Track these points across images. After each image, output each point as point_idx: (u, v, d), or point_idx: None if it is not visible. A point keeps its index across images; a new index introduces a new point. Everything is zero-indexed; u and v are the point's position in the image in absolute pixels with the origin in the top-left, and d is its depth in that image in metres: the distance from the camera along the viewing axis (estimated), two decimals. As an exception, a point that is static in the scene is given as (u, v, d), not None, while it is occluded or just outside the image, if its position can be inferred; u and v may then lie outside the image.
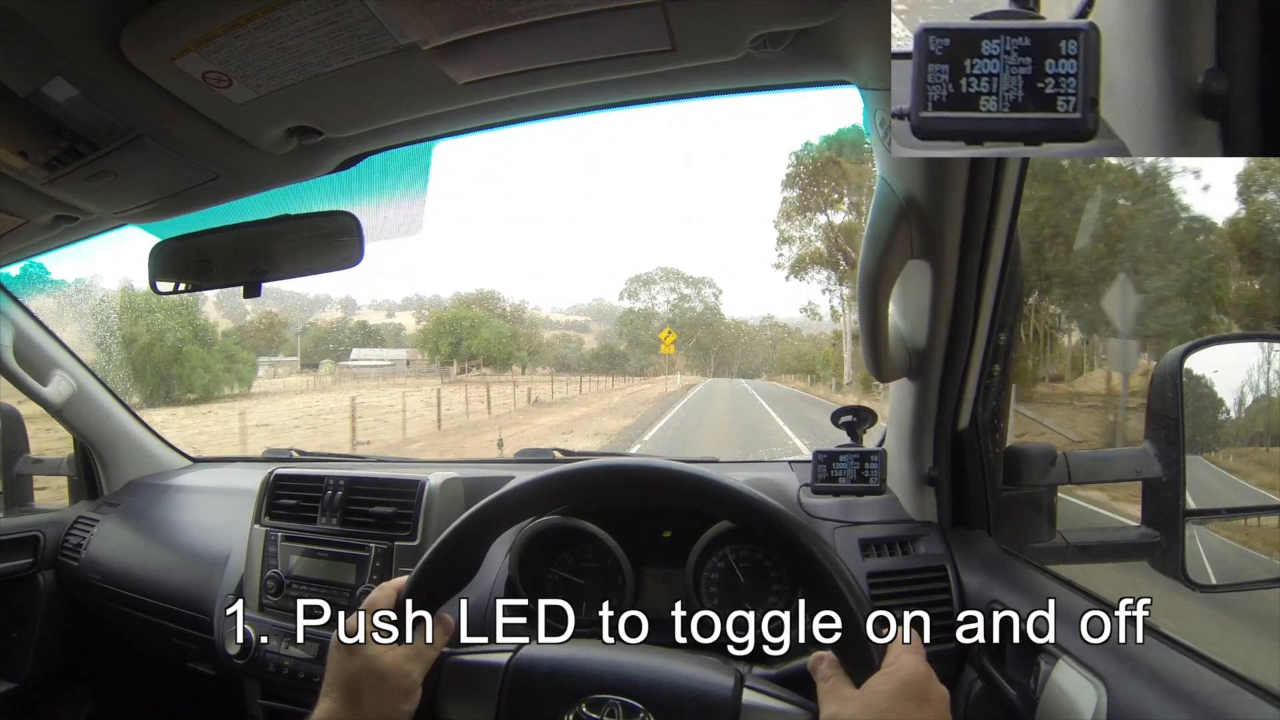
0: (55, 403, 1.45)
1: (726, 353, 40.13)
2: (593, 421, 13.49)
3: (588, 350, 38.04)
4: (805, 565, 0.52)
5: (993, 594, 0.80)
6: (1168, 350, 0.80)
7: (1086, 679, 0.59)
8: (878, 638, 0.50)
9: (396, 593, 0.58)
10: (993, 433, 0.88)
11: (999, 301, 0.79)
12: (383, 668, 0.54)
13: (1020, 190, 0.70)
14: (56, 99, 0.68)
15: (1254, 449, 0.92)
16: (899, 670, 0.48)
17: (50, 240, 1.13)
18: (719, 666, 0.54)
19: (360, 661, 0.54)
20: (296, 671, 1.01)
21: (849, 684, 0.49)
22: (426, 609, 0.57)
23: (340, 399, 15.64)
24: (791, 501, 1.05)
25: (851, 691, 0.49)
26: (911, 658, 0.50)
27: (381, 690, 0.54)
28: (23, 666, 1.42)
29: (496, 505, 0.58)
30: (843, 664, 0.50)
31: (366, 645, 0.55)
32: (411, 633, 0.56)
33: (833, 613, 0.51)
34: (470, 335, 31.18)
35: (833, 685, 0.50)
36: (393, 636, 0.56)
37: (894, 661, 0.49)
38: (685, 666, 0.54)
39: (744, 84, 0.76)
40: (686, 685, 0.52)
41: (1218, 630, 1.87)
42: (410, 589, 0.57)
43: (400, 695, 0.54)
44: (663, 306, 39.09)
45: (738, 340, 40.77)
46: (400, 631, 0.56)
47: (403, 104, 0.75)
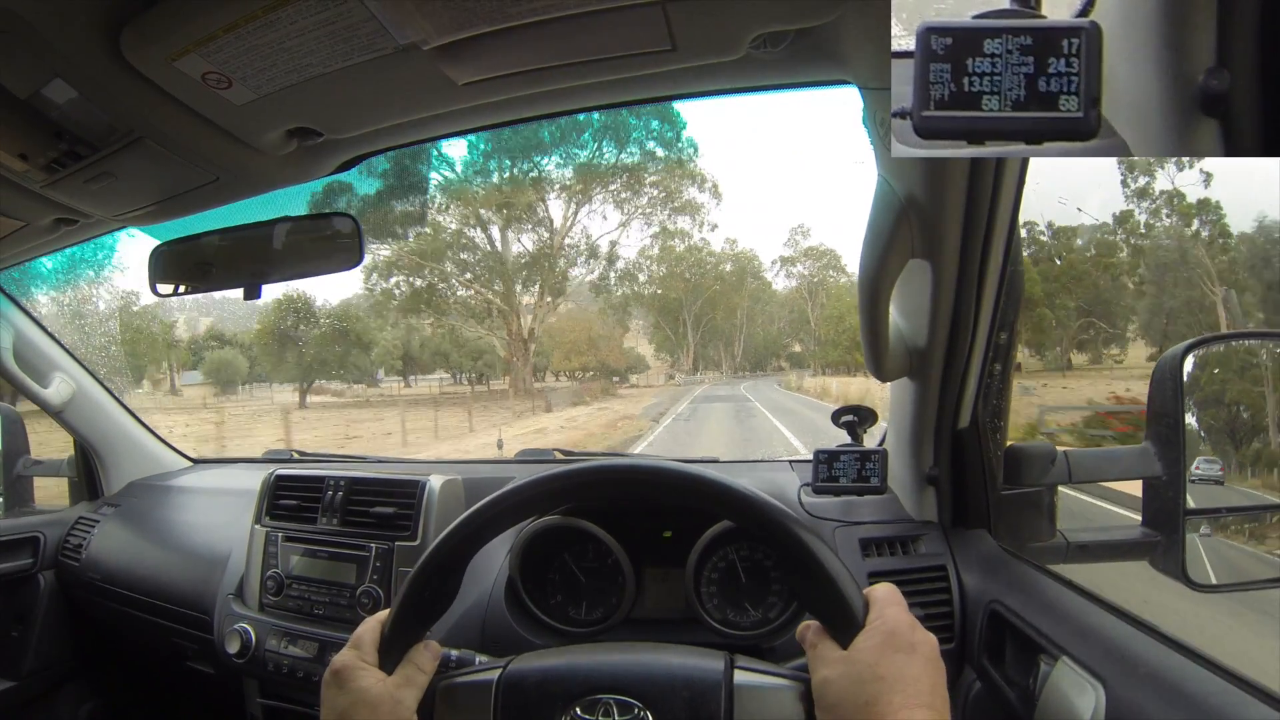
0: (55, 404, 1.46)
1: (722, 324, 28.15)
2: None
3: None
4: (802, 563, 0.51)
5: (993, 593, 0.80)
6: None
7: (1085, 679, 0.59)
8: (858, 596, 0.51)
9: (380, 625, 0.58)
10: (993, 432, 0.88)
11: (999, 301, 0.79)
12: (374, 698, 0.54)
13: (1020, 190, 0.70)
14: (56, 101, 0.68)
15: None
16: (882, 624, 0.49)
17: (50, 243, 1.13)
18: (707, 653, 0.54)
19: (352, 695, 0.54)
20: (296, 671, 1.01)
21: (836, 647, 0.50)
22: (412, 637, 0.57)
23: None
24: (792, 501, 1.05)
25: (839, 653, 0.49)
26: (893, 610, 0.50)
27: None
28: (23, 665, 1.42)
29: (481, 514, 0.57)
30: (828, 630, 0.51)
31: (357, 678, 0.55)
32: (401, 662, 0.56)
33: (811, 579, 0.51)
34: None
35: (820, 650, 0.50)
36: (379, 669, 0.56)
37: (877, 617, 0.50)
38: (674, 657, 0.54)
39: (744, 84, 0.76)
40: (678, 674, 0.52)
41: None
42: (395, 618, 0.57)
43: None
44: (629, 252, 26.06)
45: (754, 304, 28.46)
46: (389, 662, 0.56)
47: (403, 105, 0.75)
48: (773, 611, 0.93)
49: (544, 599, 0.99)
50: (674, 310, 27.71)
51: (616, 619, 0.95)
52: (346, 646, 0.58)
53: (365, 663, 0.56)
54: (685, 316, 27.87)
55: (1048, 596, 0.73)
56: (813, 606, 0.52)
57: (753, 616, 0.94)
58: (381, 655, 0.56)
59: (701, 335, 28.82)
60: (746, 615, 0.94)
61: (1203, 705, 0.51)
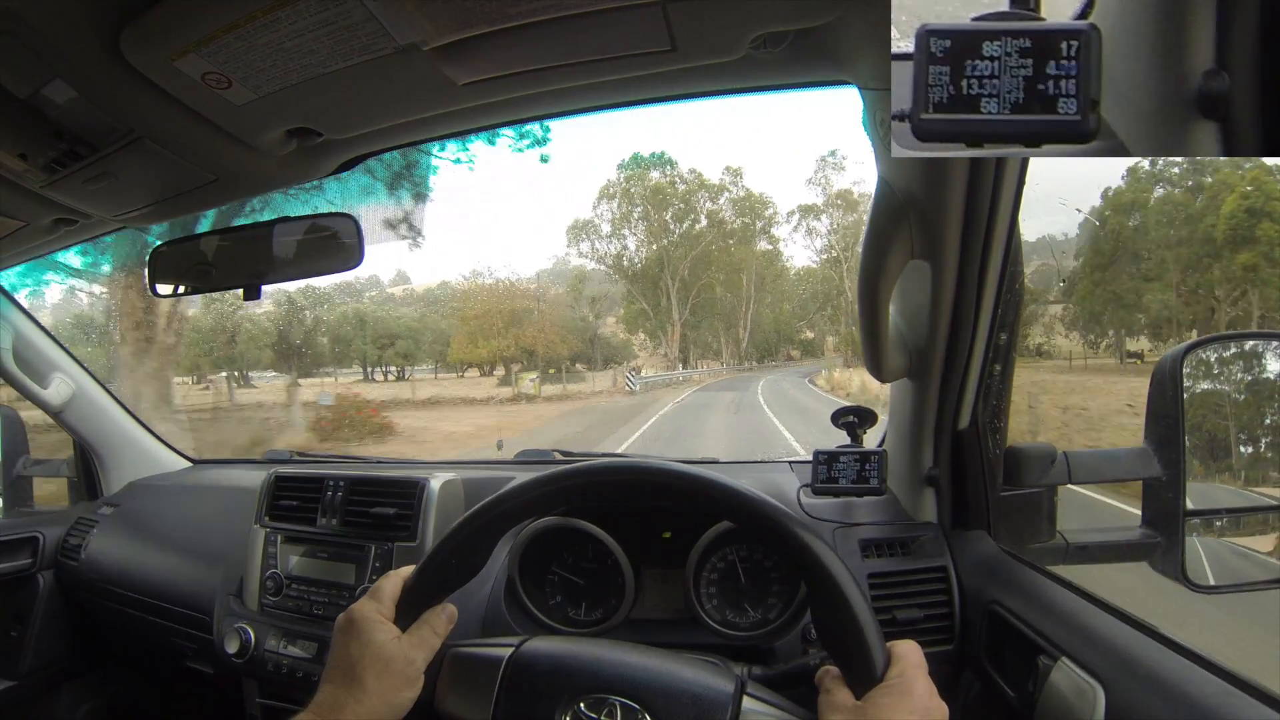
0: (54, 405, 1.46)
1: (723, 294, 20.30)
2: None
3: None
4: (832, 602, 0.50)
5: (992, 595, 0.80)
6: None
7: (1085, 681, 0.59)
8: (880, 650, 0.49)
9: (403, 581, 0.58)
10: (993, 433, 0.88)
11: (999, 301, 0.79)
12: (388, 654, 0.54)
13: (1020, 190, 0.70)
14: (56, 101, 0.68)
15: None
16: (902, 684, 0.48)
17: (50, 243, 1.13)
18: (720, 671, 0.53)
19: (365, 647, 0.54)
20: (295, 671, 1.01)
21: (849, 695, 0.49)
22: (432, 599, 0.58)
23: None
24: (791, 502, 1.05)
25: (852, 703, 0.48)
26: (915, 672, 0.49)
27: (385, 676, 0.54)
28: (21, 665, 1.42)
29: (503, 502, 0.58)
30: (845, 676, 0.50)
31: (373, 631, 0.55)
32: (416, 622, 0.57)
33: (836, 621, 0.50)
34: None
35: (833, 696, 0.49)
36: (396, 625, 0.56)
37: (898, 675, 0.49)
38: (687, 670, 0.53)
39: (744, 84, 0.76)
40: (686, 689, 0.51)
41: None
42: (416, 579, 0.58)
43: (404, 682, 0.54)
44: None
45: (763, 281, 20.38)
46: (405, 619, 0.56)
47: (403, 105, 0.75)
48: (772, 612, 0.93)
49: (543, 599, 0.99)
50: (652, 275, 19.09)
51: (616, 619, 0.95)
52: (366, 596, 0.58)
53: (383, 616, 0.56)
54: (667, 282, 18.89)
55: (1047, 597, 0.73)
56: (833, 647, 0.51)
57: (752, 617, 0.94)
58: (399, 611, 0.56)
59: (691, 310, 20.48)
60: (746, 616, 0.94)
61: (1203, 706, 0.51)
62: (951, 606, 0.85)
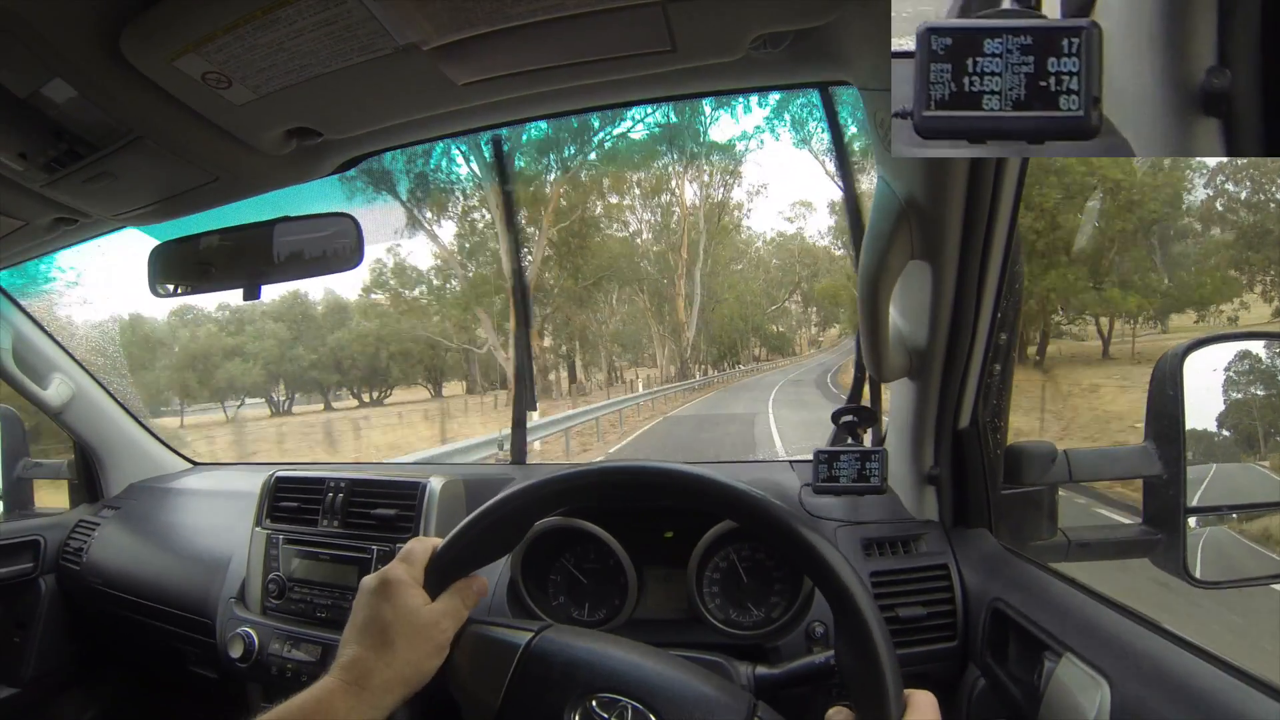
0: (54, 406, 1.45)
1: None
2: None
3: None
4: (859, 639, 0.49)
5: (995, 592, 0.80)
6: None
7: (1090, 675, 0.59)
8: (898, 698, 0.48)
9: (432, 548, 0.57)
10: (993, 432, 0.88)
11: (999, 301, 0.79)
12: (421, 620, 0.53)
13: (1020, 190, 0.70)
14: (56, 100, 0.68)
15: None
16: None
17: (50, 243, 1.13)
18: (736, 692, 0.53)
19: (398, 610, 0.53)
20: (300, 674, 1.01)
21: None
22: (460, 571, 0.57)
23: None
24: (793, 501, 1.05)
25: None
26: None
27: (416, 642, 0.53)
28: (24, 671, 1.42)
29: (541, 489, 0.57)
30: (855, 714, 0.49)
31: (406, 595, 0.54)
32: (447, 590, 0.56)
33: (858, 659, 0.49)
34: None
35: None
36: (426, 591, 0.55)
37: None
38: (704, 685, 0.52)
39: (744, 84, 0.76)
40: (701, 702, 0.51)
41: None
42: (446, 550, 0.57)
43: (434, 649, 0.54)
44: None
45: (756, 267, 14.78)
46: (434, 586, 0.55)
47: (402, 105, 0.75)
48: (775, 611, 0.93)
49: (546, 600, 0.99)
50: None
51: (619, 620, 0.95)
52: (397, 558, 0.57)
53: (415, 580, 0.55)
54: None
55: (1050, 594, 0.73)
56: (850, 681, 0.50)
57: (755, 616, 0.94)
58: (428, 576, 0.56)
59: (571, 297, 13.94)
60: (749, 615, 0.94)
61: (1209, 701, 0.51)
62: (954, 604, 0.85)
